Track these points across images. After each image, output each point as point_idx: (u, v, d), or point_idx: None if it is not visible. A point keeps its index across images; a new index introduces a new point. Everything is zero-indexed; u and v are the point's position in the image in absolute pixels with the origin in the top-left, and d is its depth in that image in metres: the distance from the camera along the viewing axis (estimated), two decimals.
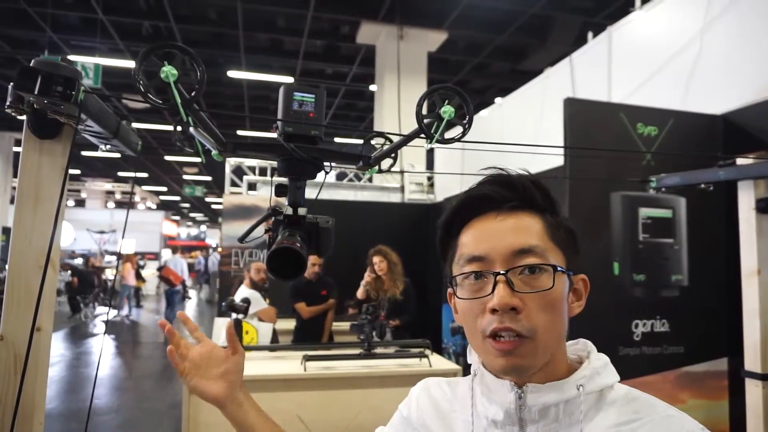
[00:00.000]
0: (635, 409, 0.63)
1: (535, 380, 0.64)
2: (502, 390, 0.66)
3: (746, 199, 2.25)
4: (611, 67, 4.29)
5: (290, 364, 3.17)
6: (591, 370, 0.65)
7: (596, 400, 0.64)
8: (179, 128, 1.09)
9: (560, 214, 0.70)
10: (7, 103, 0.93)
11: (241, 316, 3.55)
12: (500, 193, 0.66)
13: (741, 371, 2.28)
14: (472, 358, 0.72)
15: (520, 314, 0.61)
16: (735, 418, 2.93)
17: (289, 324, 4.44)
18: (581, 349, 0.71)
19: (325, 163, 1.03)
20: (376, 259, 4.04)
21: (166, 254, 20.44)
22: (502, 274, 0.62)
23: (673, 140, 2.99)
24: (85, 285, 12.11)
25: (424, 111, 0.97)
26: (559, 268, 0.64)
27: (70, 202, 21.67)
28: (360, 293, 4.08)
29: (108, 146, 1.16)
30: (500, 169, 0.70)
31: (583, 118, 2.91)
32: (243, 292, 4.09)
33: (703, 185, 2.36)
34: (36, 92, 0.86)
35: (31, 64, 0.88)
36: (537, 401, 0.63)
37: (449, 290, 0.71)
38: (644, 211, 2.88)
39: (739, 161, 2.26)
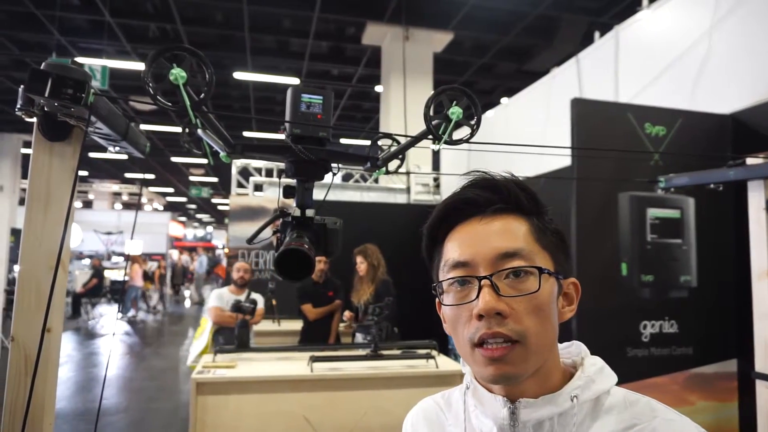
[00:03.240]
0: (634, 414, 0.61)
1: (527, 390, 0.62)
2: (494, 405, 0.64)
3: (756, 199, 2.23)
4: (618, 67, 4.27)
5: (297, 365, 3.18)
6: (585, 378, 0.63)
7: (592, 408, 0.62)
8: (188, 130, 1.10)
9: (548, 217, 0.68)
10: (18, 106, 0.94)
11: (248, 317, 3.55)
12: (484, 196, 0.65)
13: (751, 373, 2.26)
14: (466, 369, 0.71)
15: (507, 319, 0.59)
16: (745, 420, 2.91)
17: (296, 325, 4.45)
18: (575, 352, 0.69)
19: (333, 165, 1.03)
20: (357, 259, 3.93)
21: (174, 255, 20.54)
22: (487, 278, 0.60)
23: (682, 140, 2.97)
24: (100, 288, 12.26)
25: (432, 112, 0.97)
26: (545, 271, 0.62)
27: (78, 204, 21.81)
28: (347, 316, 4.05)
29: (117, 148, 1.17)
30: (484, 172, 0.68)
31: (591, 119, 2.90)
32: (215, 294, 4.08)
33: (712, 185, 2.35)
34: (46, 95, 0.87)
35: (41, 67, 0.88)
36: (530, 416, 0.61)
37: (437, 300, 0.69)
38: (652, 212, 2.86)
39: (749, 161, 2.24)
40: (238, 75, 9.15)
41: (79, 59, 7.95)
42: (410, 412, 0.80)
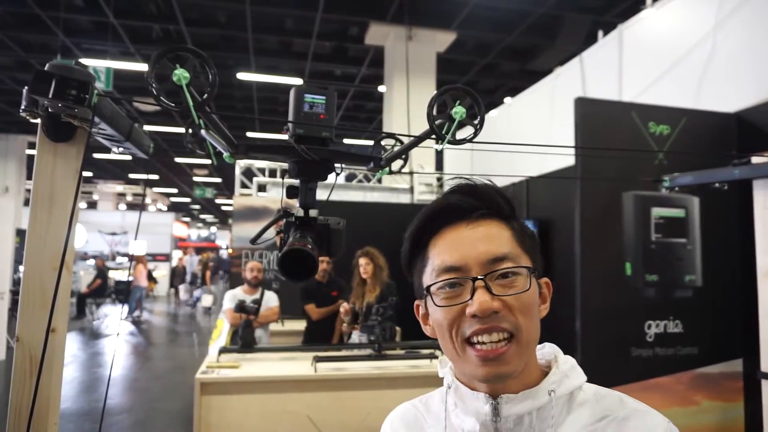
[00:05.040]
0: (605, 406, 0.66)
1: (509, 386, 0.65)
2: (477, 402, 0.66)
3: (761, 198, 2.22)
4: (622, 66, 4.25)
5: (301, 365, 3.18)
6: (560, 374, 0.67)
7: (567, 402, 0.66)
8: (191, 131, 1.10)
9: (522, 221, 0.72)
10: (22, 107, 0.94)
11: (252, 317, 3.56)
12: (468, 202, 0.68)
13: (757, 372, 2.25)
14: (444, 371, 0.73)
15: (500, 316, 0.62)
16: (751, 420, 2.89)
17: (300, 325, 4.45)
18: (549, 353, 0.72)
19: (336, 165, 1.03)
20: (362, 261, 3.89)
21: (177, 255, 20.60)
22: (481, 279, 0.63)
23: (686, 139, 2.96)
24: (104, 288, 12.29)
25: (435, 112, 0.97)
26: (533, 271, 0.66)
27: (82, 204, 21.86)
28: (345, 329, 3.89)
29: (120, 149, 1.17)
30: (466, 178, 0.71)
31: (595, 118, 2.89)
32: (230, 295, 4.05)
33: (717, 184, 2.34)
34: (50, 96, 0.87)
35: (45, 68, 0.88)
36: (511, 411, 0.64)
37: (416, 302, 0.72)
38: (657, 211, 2.85)
39: (754, 160, 2.23)
40: (242, 75, 9.16)
41: (83, 60, 7.98)
42: (387, 417, 0.82)
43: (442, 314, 0.65)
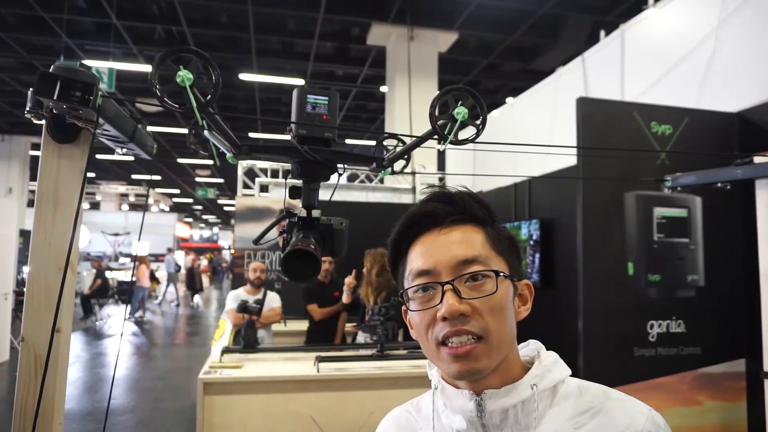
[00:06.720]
0: (589, 398, 0.67)
1: (491, 383, 0.67)
2: (462, 400, 0.68)
3: (764, 197, 2.22)
4: (624, 66, 4.25)
5: (303, 365, 3.19)
6: (542, 368, 0.69)
7: (550, 395, 0.68)
8: (194, 132, 1.10)
9: (500, 225, 0.74)
10: (27, 108, 0.94)
11: (254, 317, 3.56)
12: (442, 209, 0.70)
13: (760, 372, 2.25)
14: (432, 372, 0.76)
15: (469, 317, 0.64)
16: (754, 420, 2.89)
17: (302, 325, 4.46)
18: (533, 350, 0.74)
19: (339, 165, 1.03)
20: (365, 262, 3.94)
21: (179, 256, 20.61)
22: (449, 283, 0.65)
23: (688, 139, 2.95)
24: (106, 289, 12.32)
25: (437, 112, 0.97)
26: (501, 273, 0.67)
27: (85, 205, 21.89)
28: (345, 298, 3.90)
29: (124, 150, 1.18)
30: (440, 187, 0.74)
31: (596, 118, 2.89)
32: (233, 295, 4.05)
33: (719, 184, 2.34)
34: (55, 97, 0.87)
35: (50, 70, 0.89)
36: (495, 405, 0.66)
37: (403, 307, 0.74)
38: (659, 211, 2.85)
39: (757, 159, 2.23)
40: (244, 76, 9.18)
41: (86, 61, 7.99)
42: (381, 423, 0.84)
43: (418, 318, 0.68)
